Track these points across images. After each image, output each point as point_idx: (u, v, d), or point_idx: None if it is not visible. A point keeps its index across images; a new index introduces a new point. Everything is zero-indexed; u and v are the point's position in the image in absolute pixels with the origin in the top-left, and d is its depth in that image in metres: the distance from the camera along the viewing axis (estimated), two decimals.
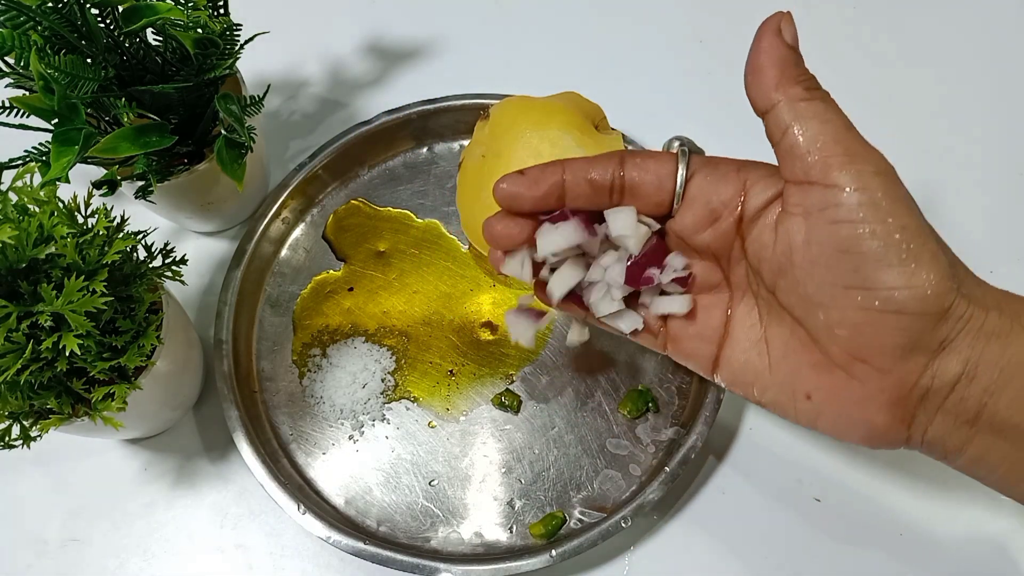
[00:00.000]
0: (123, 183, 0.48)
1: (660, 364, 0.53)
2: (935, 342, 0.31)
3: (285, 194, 0.57)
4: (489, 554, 0.47)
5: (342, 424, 0.52)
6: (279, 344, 0.54)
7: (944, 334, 0.31)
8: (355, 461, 0.51)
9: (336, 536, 0.46)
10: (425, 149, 0.61)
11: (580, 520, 0.48)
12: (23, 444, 0.40)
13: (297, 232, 0.58)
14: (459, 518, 0.49)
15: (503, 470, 0.50)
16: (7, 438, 0.40)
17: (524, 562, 0.45)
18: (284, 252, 0.58)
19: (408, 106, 0.59)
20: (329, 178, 0.59)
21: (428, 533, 0.48)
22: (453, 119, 0.60)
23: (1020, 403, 0.31)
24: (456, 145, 0.61)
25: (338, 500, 0.49)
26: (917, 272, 0.30)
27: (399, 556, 0.45)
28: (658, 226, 0.39)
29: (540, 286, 0.42)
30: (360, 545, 0.45)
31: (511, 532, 0.48)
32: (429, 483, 0.50)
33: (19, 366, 0.37)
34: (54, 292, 0.37)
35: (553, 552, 0.45)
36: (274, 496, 0.47)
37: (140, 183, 0.47)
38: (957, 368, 0.31)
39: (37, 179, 0.40)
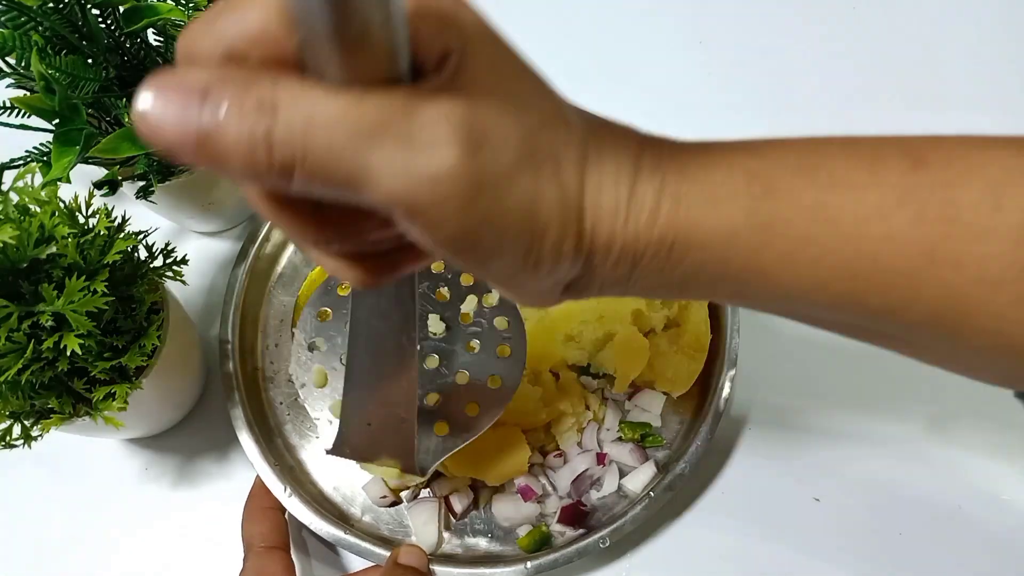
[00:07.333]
0: (124, 183, 0.48)
1: None
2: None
3: None
4: (466, 557, 0.47)
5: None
6: (285, 323, 0.55)
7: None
8: None
9: (318, 523, 0.46)
10: None
11: (560, 533, 0.48)
12: (24, 444, 0.40)
13: None
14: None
15: None
16: (8, 438, 0.40)
17: (498, 570, 0.45)
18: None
19: None
20: None
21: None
22: None
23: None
24: None
25: (326, 485, 0.50)
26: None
27: (376, 549, 0.45)
28: None
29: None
30: (340, 534, 0.46)
31: (490, 537, 0.48)
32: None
33: (20, 366, 0.37)
34: (55, 292, 0.37)
35: (528, 564, 0.45)
36: (264, 475, 0.47)
37: (141, 183, 0.47)
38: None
39: (38, 179, 0.40)
